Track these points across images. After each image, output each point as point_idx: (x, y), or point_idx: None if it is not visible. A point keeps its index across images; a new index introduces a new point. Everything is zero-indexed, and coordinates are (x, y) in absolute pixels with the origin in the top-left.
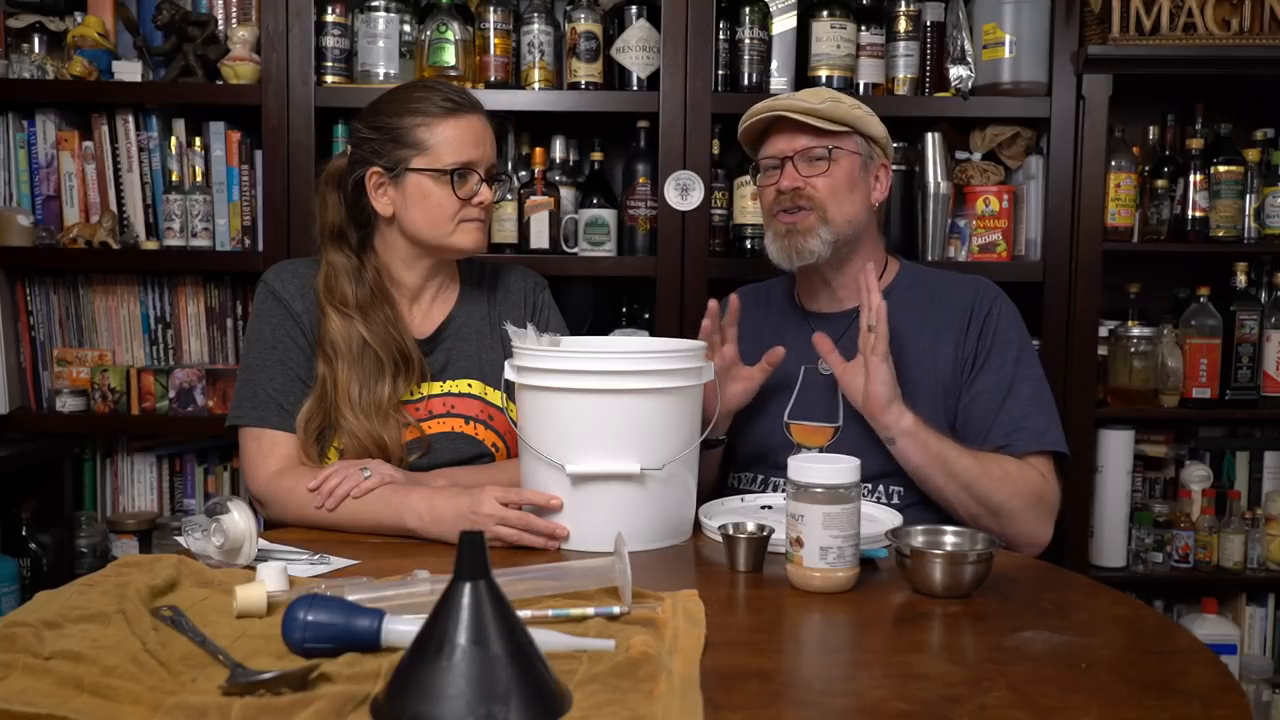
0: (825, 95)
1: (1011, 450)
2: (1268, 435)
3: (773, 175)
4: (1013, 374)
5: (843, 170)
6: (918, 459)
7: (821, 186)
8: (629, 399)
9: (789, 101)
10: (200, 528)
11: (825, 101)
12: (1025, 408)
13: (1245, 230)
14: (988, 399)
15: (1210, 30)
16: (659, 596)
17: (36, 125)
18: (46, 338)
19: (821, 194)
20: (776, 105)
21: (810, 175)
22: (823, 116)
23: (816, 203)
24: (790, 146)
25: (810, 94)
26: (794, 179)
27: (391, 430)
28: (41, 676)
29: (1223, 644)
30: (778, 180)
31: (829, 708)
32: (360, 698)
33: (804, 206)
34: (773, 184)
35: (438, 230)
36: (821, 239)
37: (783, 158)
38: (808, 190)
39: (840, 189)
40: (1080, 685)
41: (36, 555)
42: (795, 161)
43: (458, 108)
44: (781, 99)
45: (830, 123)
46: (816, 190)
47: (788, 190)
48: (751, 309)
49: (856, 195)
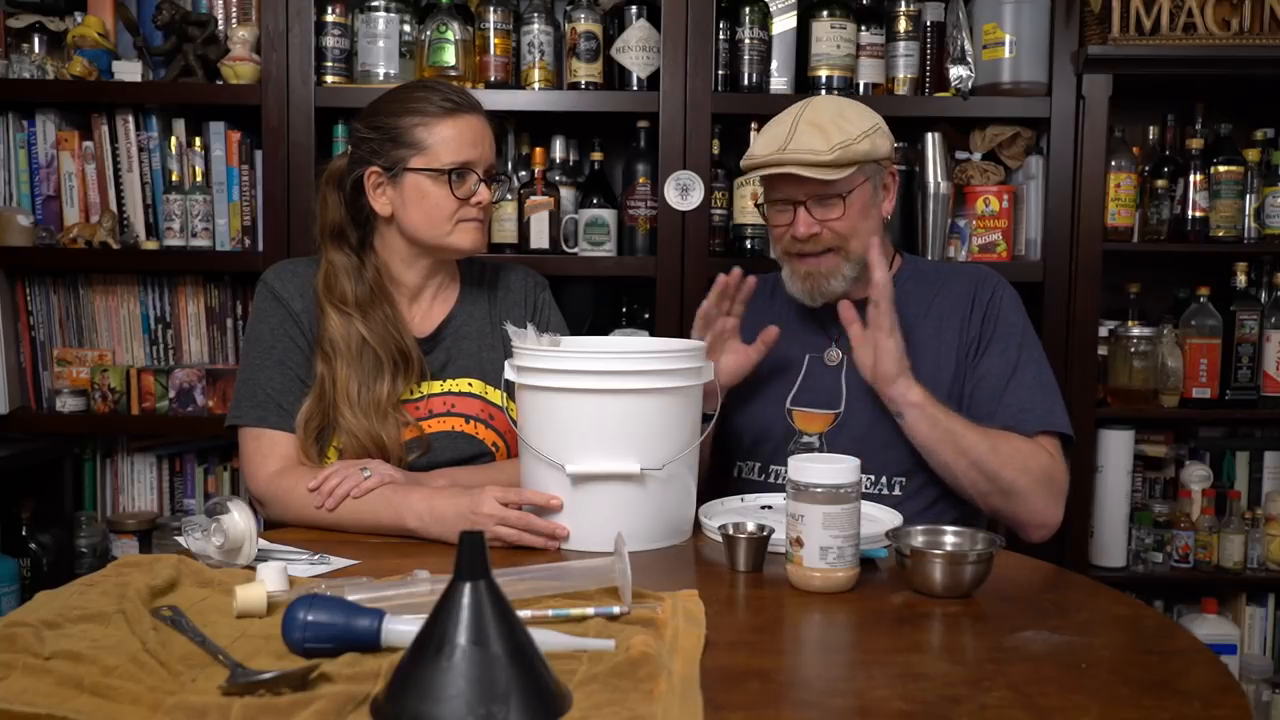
0: (833, 138)
1: (1019, 431)
2: (1268, 435)
3: (784, 215)
4: (1016, 357)
5: (857, 206)
6: (926, 433)
7: (839, 228)
8: (629, 399)
9: (794, 155)
10: (200, 528)
11: (834, 149)
12: (1030, 389)
13: (1245, 230)
14: (992, 382)
15: (1210, 30)
16: (659, 596)
17: (36, 125)
18: (46, 338)
19: (842, 234)
20: (785, 161)
21: (825, 219)
22: (833, 166)
23: (837, 243)
24: (802, 190)
25: (815, 136)
26: (809, 225)
27: (390, 429)
28: (41, 676)
29: (1223, 644)
30: (791, 223)
31: (829, 708)
32: (360, 698)
33: (824, 250)
34: (785, 226)
35: (436, 230)
36: (844, 276)
37: (794, 201)
38: (825, 235)
39: (857, 223)
40: (1080, 685)
41: (36, 555)
42: (809, 205)
43: (456, 108)
44: (790, 151)
45: (840, 169)
46: (835, 232)
47: (804, 237)
48: (755, 298)
49: (871, 221)
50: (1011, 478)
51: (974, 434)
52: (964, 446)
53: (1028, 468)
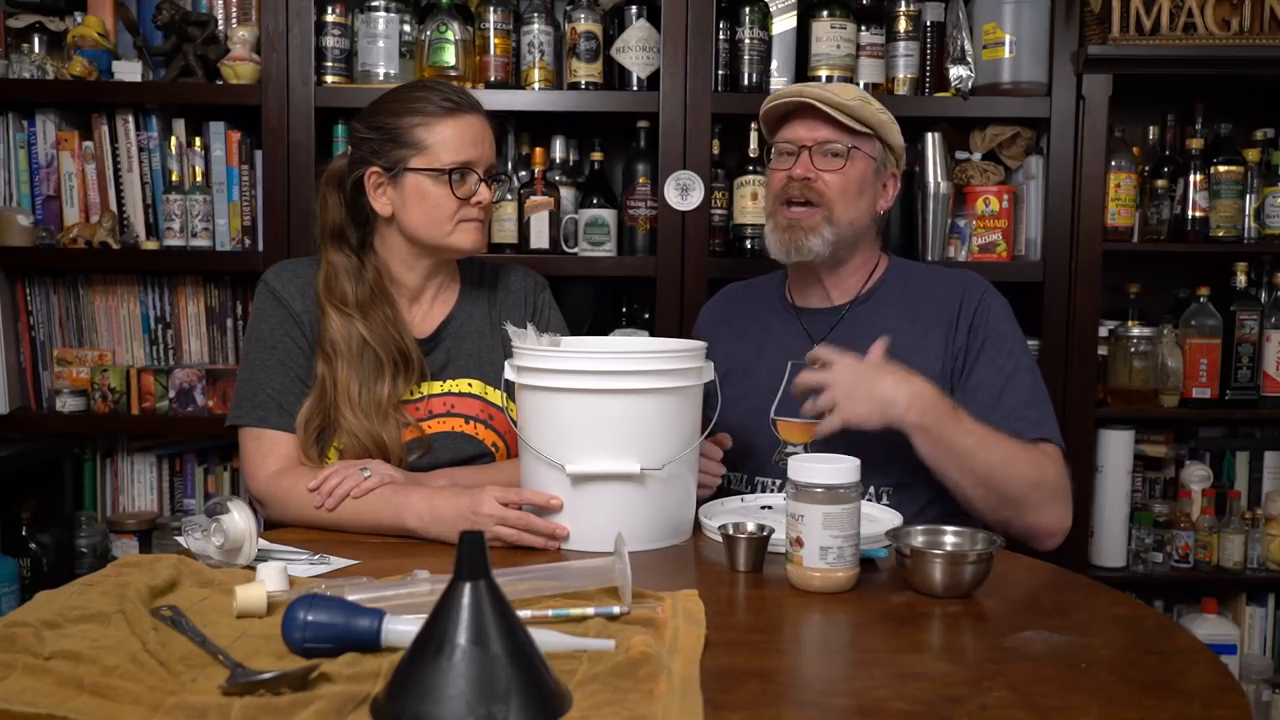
0: (856, 93)
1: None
2: (1268, 435)
3: (785, 161)
4: (1008, 366)
5: (857, 171)
6: (930, 453)
7: (833, 183)
8: (629, 399)
9: (819, 91)
10: (200, 528)
11: (855, 99)
12: (1025, 398)
13: (1245, 230)
14: (987, 392)
15: (1210, 30)
16: (659, 596)
17: (36, 125)
18: (46, 338)
19: (831, 191)
20: (807, 91)
21: (824, 170)
22: (850, 113)
23: (825, 199)
24: (810, 135)
25: (841, 89)
26: (807, 168)
27: (391, 430)
28: (41, 676)
29: (1223, 644)
30: (791, 166)
31: (829, 708)
32: (360, 698)
33: (811, 201)
34: (785, 169)
35: (436, 230)
36: (823, 238)
37: (800, 145)
38: (818, 184)
39: (850, 190)
40: (1080, 685)
41: (36, 555)
42: (812, 153)
43: (456, 107)
44: (813, 87)
45: (856, 121)
46: (827, 186)
47: (799, 178)
48: (738, 304)
49: (864, 200)
50: (1021, 490)
51: (982, 450)
52: (971, 464)
53: (1038, 479)
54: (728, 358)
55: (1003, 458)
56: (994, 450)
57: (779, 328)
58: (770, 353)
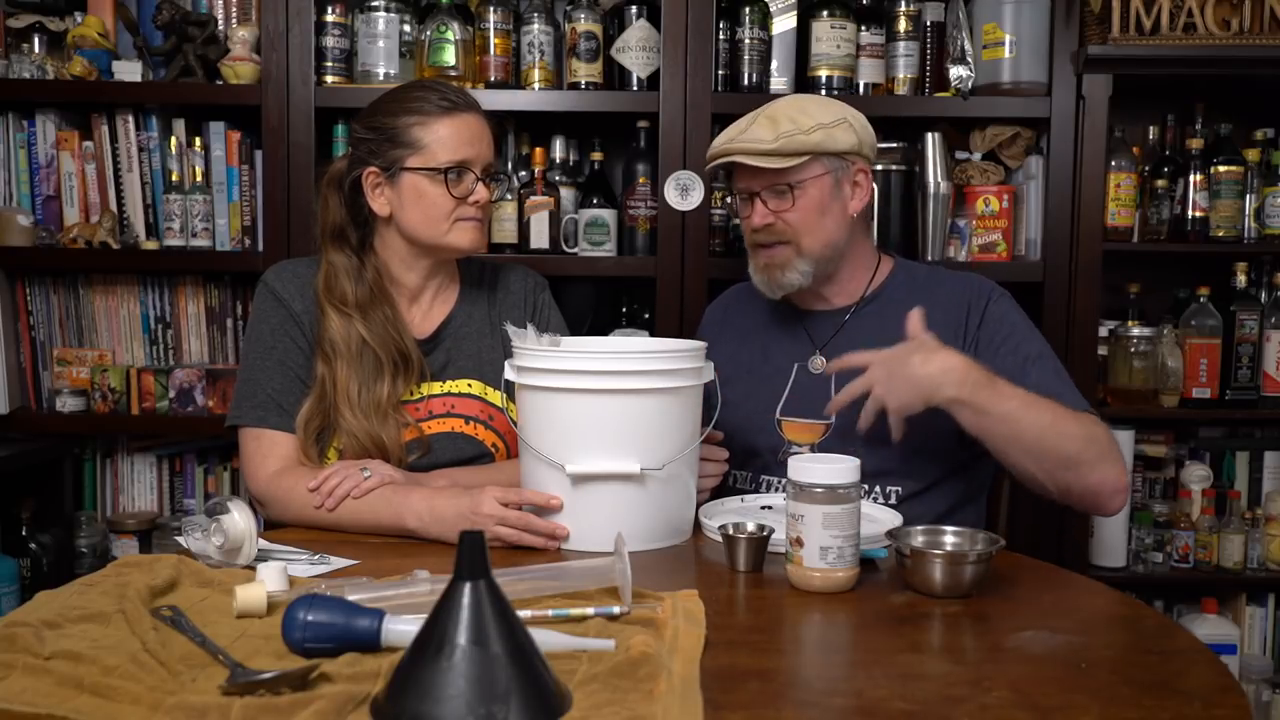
0: (781, 128)
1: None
2: (1268, 435)
3: (746, 206)
4: (1030, 352)
5: (810, 200)
6: (974, 426)
7: (791, 220)
8: (629, 399)
9: (740, 144)
10: (200, 528)
11: (779, 138)
12: (1051, 380)
13: (1245, 230)
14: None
15: (1210, 30)
16: (659, 596)
17: (36, 125)
18: (46, 338)
19: (792, 227)
20: (731, 149)
21: (779, 210)
22: (777, 154)
23: (790, 235)
24: (755, 182)
25: (764, 126)
26: (764, 215)
27: (391, 430)
28: (41, 676)
29: (1223, 644)
30: (750, 214)
31: (829, 708)
32: (360, 698)
33: (779, 241)
34: (747, 217)
35: (434, 229)
36: (799, 270)
37: (750, 193)
38: (779, 226)
39: (810, 218)
40: (1080, 685)
41: (36, 555)
42: (763, 196)
43: (453, 107)
44: (734, 140)
45: (785, 158)
46: (787, 224)
47: (759, 227)
48: (742, 306)
49: (829, 218)
50: (1076, 449)
51: (1028, 412)
52: (1018, 430)
53: (1090, 435)
54: (731, 359)
55: (1050, 418)
56: (1040, 412)
57: (782, 330)
58: (774, 354)
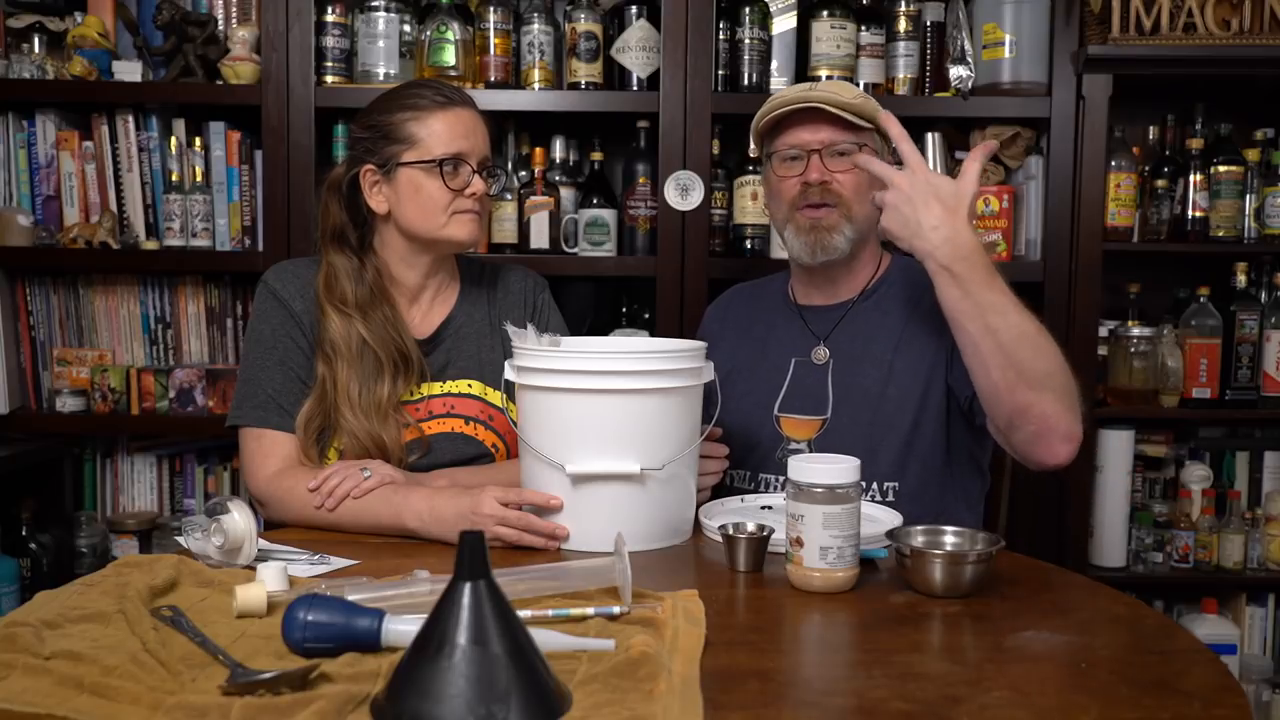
0: (856, 90)
1: None
2: (1268, 435)
3: (794, 166)
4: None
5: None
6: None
7: (847, 182)
8: (629, 399)
9: (824, 94)
10: (200, 528)
11: (858, 97)
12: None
13: (1245, 230)
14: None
15: (1210, 30)
16: (659, 596)
17: (36, 125)
18: (46, 338)
19: (847, 190)
20: (811, 95)
21: (836, 170)
22: (855, 111)
23: (842, 199)
24: (815, 138)
25: (840, 87)
26: (821, 171)
27: (391, 430)
28: (41, 676)
29: (1223, 644)
30: (803, 172)
31: (829, 708)
32: (360, 698)
33: (828, 203)
34: (796, 176)
35: (431, 223)
36: (845, 236)
37: (807, 150)
38: (834, 186)
39: (863, 186)
40: (1080, 685)
41: (36, 555)
42: (821, 155)
43: (448, 102)
44: (815, 90)
45: (859, 117)
46: (842, 186)
47: (815, 183)
48: (743, 304)
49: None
50: (1045, 370)
51: (1009, 312)
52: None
53: (1061, 366)
54: (731, 356)
55: (1032, 330)
56: (1023, 318)
57: (782, 326)
58: (774, 351)
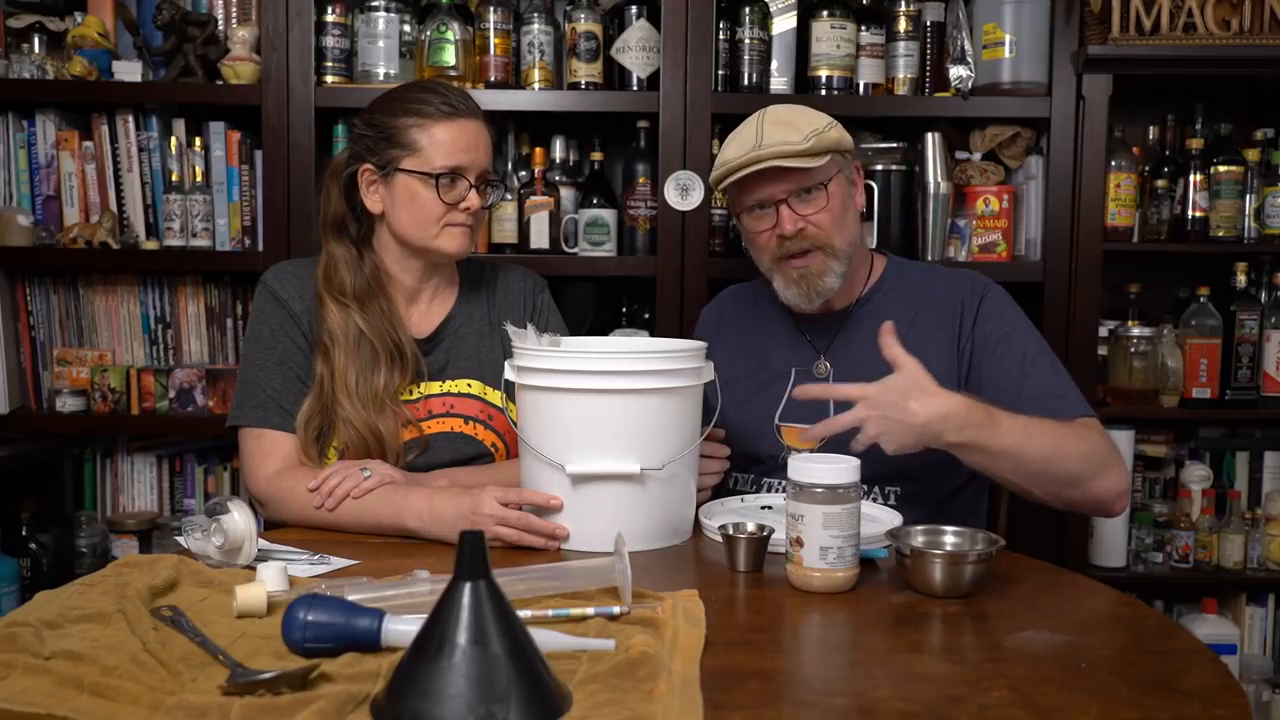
0: (806, 128)
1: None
2: (1268, 435)
3: (765, 218)
4: (1027, 351)
5: (836, 198)
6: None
7: (823, 222)
8: (629, 399)
9: (771, 147)
10: (200, 528)
11: (808, 138)
12: (1048, 380)
13: (1245, 230)
14: (1009, 381)
15: (1210, 30)
16: (659, 596)
17: (36, 125)
18: (46, 338)
19: (825, 230)
20: (761, 156)
21: (808, 213)
22: (809, 154)
23: (821, 239)
24: (779, 189)
25: (787, 129)
26: (795, 221)
27: (388, 422)
28: (41, 676)
29: (1223, 644)
30: (776, 225)
31: (829, 708)
32: (360, 698)
33: (809, 248)
34: (770, 229)
35: (422, 232)
36: (835, 273)
37: (774, 201)
38: (809, 230)
39: (838, 217)
40: (1080, 685)
41: (36, 555)
42: (790, 203)
43: (454, 112)
44: (763, 147)
45: (817, 157)
46: (819, 228)
47: (790, 235)
48: (741, 309)
49: (850, 215)
50: (1079, 469)
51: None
52: (1021, 462)
53: (1089, 451)
54: (730, 363)
55: (1052, 443)
56: (1040, 441)
57: (781, 334)
58: (773, 359)
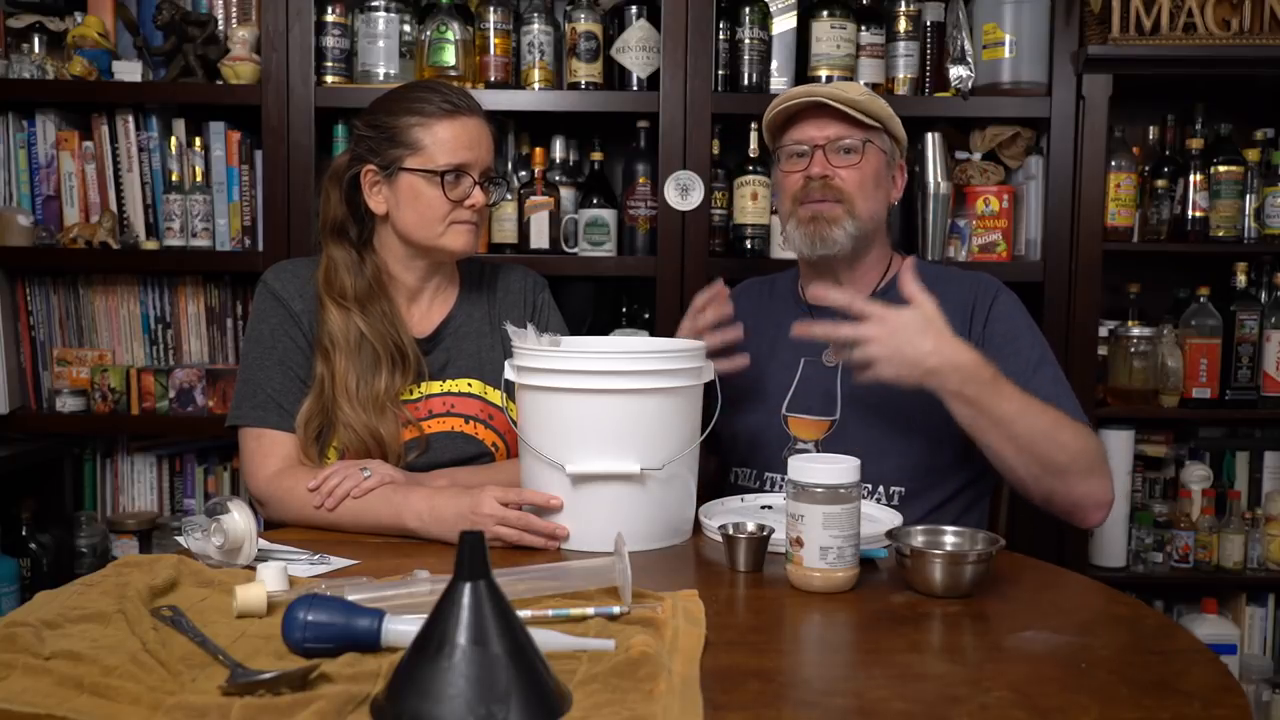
0: (863, 89)
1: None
2: (1268, 435)
3: (799, 162)
4: (1032, 357)
5: (871, 165)
6: (968, 422)
7: (850, 178)
8: (629, 399)
9: (830, 89)
10: (200, 528)
11: (864, 94)
12: (1050, 390)
13: (1245, 230)
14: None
15: (1210, 30)
16: (659, 596)
17: (36, 125)
18: (46, 338)
19: (850, 186)
20: (817, 91)
21: (840, 166)
22: (860, 108)
23: (845, 195)
24: (822, 133)
25: (848, 85)
26: (824, 166)
27: (389, 425)
28: (41, 676)
29: (1223, 644)
30: (806, 166)
31: (829, 708)
32: (360, 698)
33: (830, 198)
34: (799, 170)
35: (428, 231)
36: (846, 230)
37: (813, 145)
38: (836, 181)
39: (868, 183)
40: (1080, 685)
41: (36, 555)
42: (825, 150)
43: (455, 110)
44: (822, 86)
45: (866, 115)
46: (845, 182)
47: (817, 177)
48: (753, 300)
49: (880, 192)
50: (1067, 459)
51: (1024, 418)
52: (1013, 432)
53: (1081, 447)
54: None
55: (1047, 425)
56: (1037, 418)
57: (791, 324)
58: (783, 349)
